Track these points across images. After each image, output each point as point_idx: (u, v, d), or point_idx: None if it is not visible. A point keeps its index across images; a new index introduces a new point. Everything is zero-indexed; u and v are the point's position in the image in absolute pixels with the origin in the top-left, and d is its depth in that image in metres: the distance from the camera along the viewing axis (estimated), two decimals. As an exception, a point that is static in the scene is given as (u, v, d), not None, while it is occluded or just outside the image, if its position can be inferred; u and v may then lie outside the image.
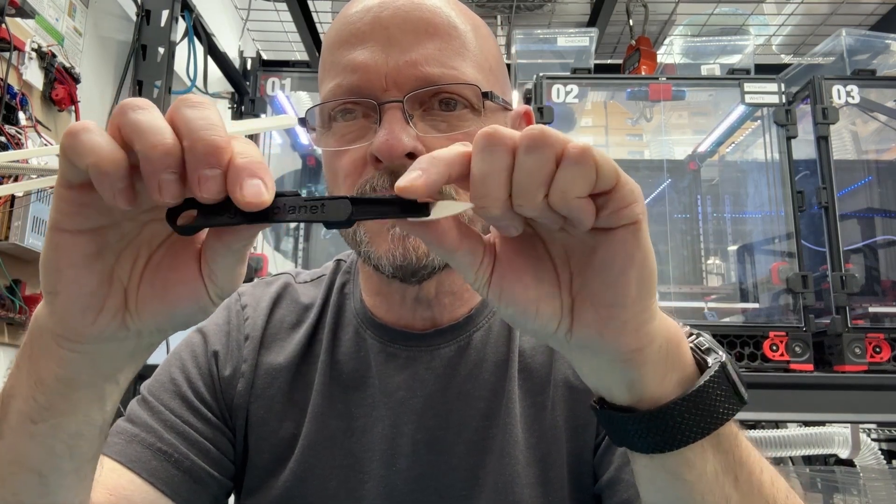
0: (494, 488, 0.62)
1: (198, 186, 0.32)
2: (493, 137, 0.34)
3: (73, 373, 0.38)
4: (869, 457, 1.91)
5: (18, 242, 1.23)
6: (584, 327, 0.37)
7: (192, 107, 0.33)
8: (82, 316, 0.36)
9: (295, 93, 2.10)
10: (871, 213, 1.88)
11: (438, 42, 0.57)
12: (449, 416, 0.64)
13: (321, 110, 0.61)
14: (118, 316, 0.37)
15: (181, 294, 0.37)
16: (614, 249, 0.35)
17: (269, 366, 0.68)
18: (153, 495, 0.60)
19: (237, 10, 2.48)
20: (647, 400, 0.39)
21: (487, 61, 0.61)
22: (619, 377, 0.39)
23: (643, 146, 2.36)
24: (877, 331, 1.59)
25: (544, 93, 1.81)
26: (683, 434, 0.39)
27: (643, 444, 0.40)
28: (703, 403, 0.39)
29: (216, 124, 0.33)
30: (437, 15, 0.58)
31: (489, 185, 0.34)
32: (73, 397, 0.39)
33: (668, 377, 0.39)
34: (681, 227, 2.03)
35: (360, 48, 0.57)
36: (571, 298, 0.37)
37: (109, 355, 0.39)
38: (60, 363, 0.38)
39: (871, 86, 1.83)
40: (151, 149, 0.32)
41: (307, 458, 0.65)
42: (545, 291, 0.37)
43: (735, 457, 0.41)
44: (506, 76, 0.66)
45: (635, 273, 0.35)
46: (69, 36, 1.50)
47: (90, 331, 0.37)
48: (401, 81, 0.56)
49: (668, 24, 2.49)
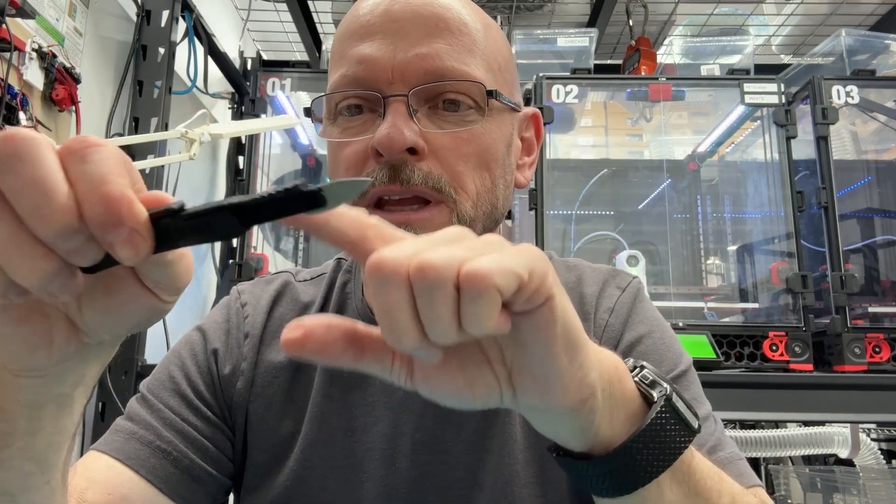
0: (494, 487, 0.62)
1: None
2: (381, 271, 0.30)
3: (37, 395, 0.36)
4: (869, 457, 1.90)
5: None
6: (525, 395, 0.36)
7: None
8: (33, 356, 0.34)
9: (295, 93, 2.10)
10: (871, 213, 1.88)
11: (448, 38, 0.57)
12: (448, 415, 0.64)
13: (328, 101, 0.61)
14: (72, 339, 0.35)
15: (128, 306, 0.34)
16: (535, 330, 0.34)
17: (269, 364, 0.68)
18: (151, 493, 0.60)
19: (237, 10, 2.48)
20: (600, 444, 0.39)
21: (496, 61, 0.61)
22: (569, 427, 0.39)
23: (643, 146, 2.36)
24: (876, 331, 1.59)
25: (544, 93, 1.81)
26: (641, 473, 0.39)
27: (602, 488, 0.40)
28: (656, 438, 0.39)
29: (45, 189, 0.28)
30: (449, 10, 0.58)
31: (395, 322, 0.31)
32: (39, 415, 0.37)
33: (615, 417, 0.39)
34: (680, 227, 2.03)
35: (369, 40, 0.57)
36: (507, 370, 0.36)
37: (74, 368, 0.37)
38: (21, 391, 0.36)
39: (871, 86, 1.83)
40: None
41: (307, 458, 0.65)
42: (475, 374, 0.36)
43: (690, 487, 0.42)
44: (515, 77, 0.66)
45: (560, 343, 0.34)
46: (69, 36, 1.50)
47: (48, 361, 0.35)
48: (407, 75, 0.56)
49: (667, 25, 2.49)
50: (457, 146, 0.58)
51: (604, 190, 2.07)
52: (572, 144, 2.35)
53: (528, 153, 0.70)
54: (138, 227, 0.29)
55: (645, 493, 0.40)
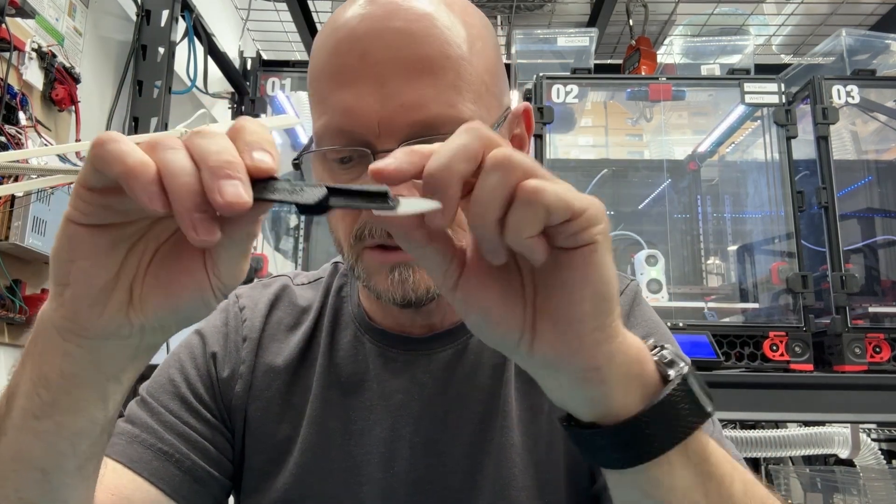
0: (492, 491, 0.62)
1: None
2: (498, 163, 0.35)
3: (76, 368, 0.39)
4: (869, 457, 1.91)
5: (18, 242, 1.23)
6: (542, 343, 0.37)
7: (206, 137, 0.35)
8: (90, 309, 0.37)
9: (295, 93, 2.10)
10: (871, 213, 1.88)
11: (432, 79, 0.53)
12: (446, 419, 0.64)
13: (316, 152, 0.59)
14: (122, 310, 0.37)
15: (185, 287, 0.38)
16: (571, 268, 0.36)
17: (267, 367, 0.68)
18: (155, 495, 0.60)
19: (237, 10, 2.48)
20: (610, 416, 0.39)
21: (484, 83, 0.57)
22: (580, 395, 0.39)
23: (643, 146, 2.36)
24: (877, 331, 1.59)
25: (544, 93, 1.81)
26: (648, 447, 0.39)
27: (610, 459, 0.40)
28: (666, 415, 0.39)
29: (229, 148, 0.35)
30: (430, 46, 0.54)
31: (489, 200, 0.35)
32: (75, 395, 0.39)
33: (630, 394, 0.39)
34: (681, 227, 2.03)
35: (350, 87, 0.54)
36: (534, 313, 0.38)
37: (112, 352, 0.39)
38: (65, 358, 0.38)
39: (871, 86, 1.83)
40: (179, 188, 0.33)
41: (305, 461, 0.65)
42: (510, 303, 0.38)
43: (704, 470, 0.41)
44: (503, 80, 0.63)
45: (590, 292, 0.36)
46: (69, 36, 1.50)
47: (96, 325, 0.37)
48: (394, 128, 0.53)
49: (668, 24, 2.49)
50: None
51: (604, 190, 2.07)
52: (572, 144, 2.35)
53: (519, 149, 0.69)
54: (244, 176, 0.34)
55: (656, 470, 0.39)
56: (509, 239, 0.35)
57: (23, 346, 1.46)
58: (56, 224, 1.41)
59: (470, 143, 0.34)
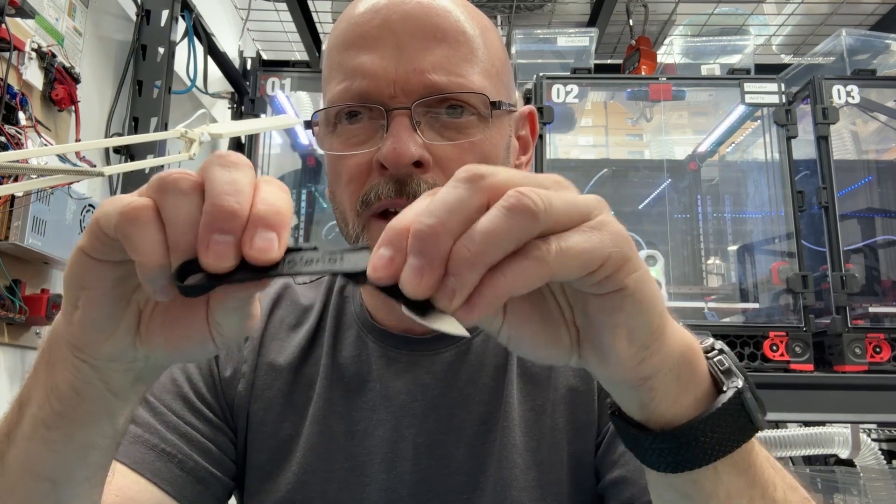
0: (494, 492, 0.62)
1: (206, 251, 0.32)
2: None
3: (85, 384, 0.39)
4: (869, 457, 1.90)
5: (18, 242, 1.23)
6: (585, 361, 0.37)
7: (224, 167, 0.33)
8: (96, 334, 0.37)
9: (295, 93, 2.10)
10: (871, 213, 1.88)
11: (447, 48, 0.57)
12: (450, 420, 0.64)
13: (327, 112, 0.61)
14: (129, 339, 0.38)
15: (187, 332, 0.37)
16: (601, 312, 0.34)
17: (269, 366, 0.68)
18: (158, 496, 0.60)
19: (237, 10, 2.48)
20: (658, 420, 0.39)
21: (494, 66, 0.61)
22: (629, 398, 0.39)
23: (643, 146, 2.36)
24: (877, 331, 1.59)
25: (544, 93, 1.81)
26: (693, 456, 0.38)
27: (652, 461, 0.40)
28: (716, 428, 0.38)
29: (241, 189, 0.33)
30: (447, 20, 0.58)
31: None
32: (85, 408, 0.40)
33: (680, 399, 0.38)
34: (681, 227, 2.03)
35: (369, 52, 0.57)
36: (577, 332, 0.37)
37: (118, 373, 0.39)
38: (75, 372, 0.38)
39: (871, 86, 1.83)
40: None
41: (308, 461, 0.65)
42: (552, 331, 0.36)
43: (749, 478, 0.41)
44: (511, 77, 0.66)
45: (623, 332, 0.34)
46: (69, 36, 1.50)
47: (101, 348, 0.37)
48: (409, 88, 0.56)
49: (668, 24, 2.49)
50: (460, 156, 0.58)
51: (604, 190, 2.07)
52: (572, 144, 2.35)
53: (524, 152, 0.70)
54: (284, 231, 0.33)
55: (700, 476, 0.39)
56: (493, 288, 0.31)
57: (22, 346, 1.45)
58: (56, 224, 1.40)
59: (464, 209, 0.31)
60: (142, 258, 0.33)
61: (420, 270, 0.30)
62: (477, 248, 0.30)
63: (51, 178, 0.89)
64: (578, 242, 0.31)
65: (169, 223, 0.33)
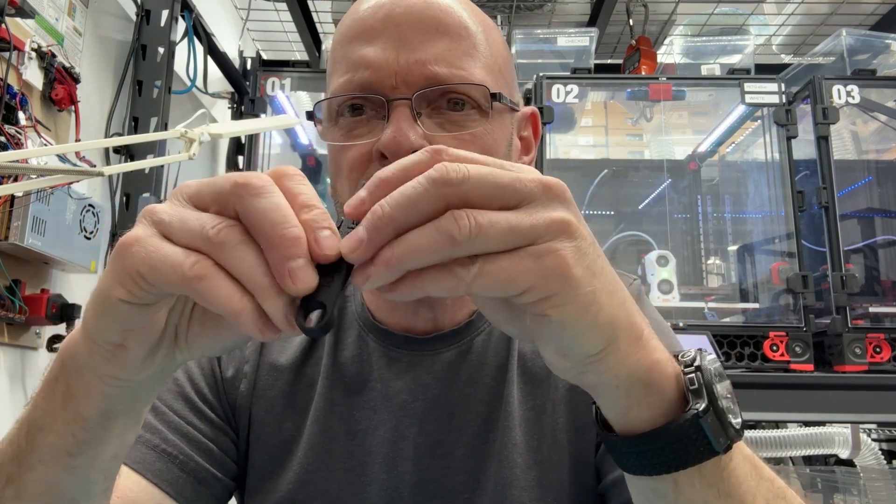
0: (494, 491, 0.62)
1: (288, 280, 0.32)
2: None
3: (115, 405, 0.39)
4: (869, 457, 1.90)
5: (18, 242, 1.23)
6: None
7: (254, 196, 0.33)
8: (143, 364, 0.37)
9: (295, 93, 2.10)
10: (871, 213, 1.88)
11: (449, 42, 0.58)
12: (450, 420, 0.64)
13: (329, 104, 0.61)
14: (170, 354, 0.38)
15: (231, 328, 0.37)
16: (532, 322, 0.36)
17: (271, 366, 0.68)
18: (158, 496, 0.60)
19: (237, 10, 2.48)
20: (626, 426, 0.40)
21: (496, 62, 0.61)
22: (599, 401, 0.41)
23: (643, 146, 2.36)
24: (877, 331, 1.59)
25: (544, 93, 1.81)
26: (646, 466, 0.40)
27: (619, 463, 0.42)
28: (671, 444, 0.39)
29: (286, 213, 0.33)
30: (449, 14, 0.59)
31: None
32: (111, 426, 0.40)
33: (632, 412, 0.39)
34: (681, 227, 2.03)
35: (372, 44, 0.58)
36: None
37: (151, 385, 0.40)
38: (103, 399, 0.39)
39: (872, 86, 1.83)
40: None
41: (309, 461, 0.65)
42: (514, 312, 0.38)
43: (718, 490, 0.41)
44: (514, 77, 0.67)
45: (552, 348, 0.37)
46: (69, 36, 1.50)
47: (146, 372, 0.38)
48: (410, 80, 0.57)
49: (668, 24, 2.49)
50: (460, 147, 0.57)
51: (604, 190, 2.07)
52: (572, 144, 2.35)
53: (526, 152, 0.70)
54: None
55: (659, 484, 0.40)
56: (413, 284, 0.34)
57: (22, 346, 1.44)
58: (56, 224, 1.39)
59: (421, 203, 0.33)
60: (226, 308, 0.33)
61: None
62: (390, 206, 0.33)
63: (51, 178, 0.88)
64: (502, 268, 0.33)
65: (241, 276, 0.33)
